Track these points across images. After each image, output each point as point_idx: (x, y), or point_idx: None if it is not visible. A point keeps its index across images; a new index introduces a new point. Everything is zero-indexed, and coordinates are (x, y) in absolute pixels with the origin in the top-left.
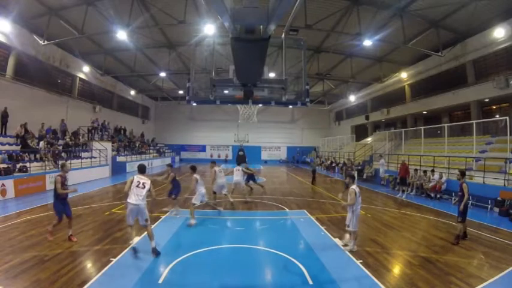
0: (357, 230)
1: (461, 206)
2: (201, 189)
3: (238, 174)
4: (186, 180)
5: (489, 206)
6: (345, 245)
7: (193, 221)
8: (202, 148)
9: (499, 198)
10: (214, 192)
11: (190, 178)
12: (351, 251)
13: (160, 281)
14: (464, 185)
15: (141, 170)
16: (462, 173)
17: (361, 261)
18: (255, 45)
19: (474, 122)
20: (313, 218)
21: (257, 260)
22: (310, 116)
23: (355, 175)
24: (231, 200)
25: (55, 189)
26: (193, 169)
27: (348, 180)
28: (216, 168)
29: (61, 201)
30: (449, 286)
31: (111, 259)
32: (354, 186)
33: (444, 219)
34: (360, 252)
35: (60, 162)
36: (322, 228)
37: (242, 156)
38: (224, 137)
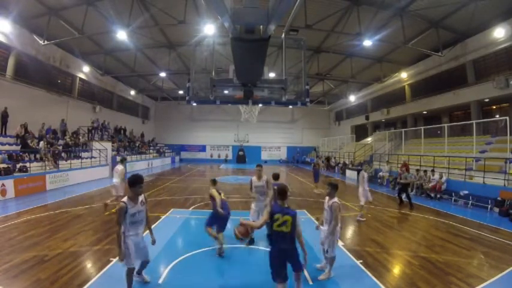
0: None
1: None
2: None
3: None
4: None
5: (489, 206)
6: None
7: None
8: (202, 148)
9: (499, 198)
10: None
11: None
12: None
13: (160, 281)
14: (270, 189)
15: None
16: (275, 176)
17: (361, 261)
18: (255, 45)
19: (474, 122)
20: (313, 218)
21: (257, 260)
22: (310, 116)
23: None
24: None
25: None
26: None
27: (330, 191)
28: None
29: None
30: (449, 286)
31: (111, 259)
32: (336, 199)
33: (444, 219)
34: (360, 252)
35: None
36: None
37: (242, 156)
38: (224, 137)
